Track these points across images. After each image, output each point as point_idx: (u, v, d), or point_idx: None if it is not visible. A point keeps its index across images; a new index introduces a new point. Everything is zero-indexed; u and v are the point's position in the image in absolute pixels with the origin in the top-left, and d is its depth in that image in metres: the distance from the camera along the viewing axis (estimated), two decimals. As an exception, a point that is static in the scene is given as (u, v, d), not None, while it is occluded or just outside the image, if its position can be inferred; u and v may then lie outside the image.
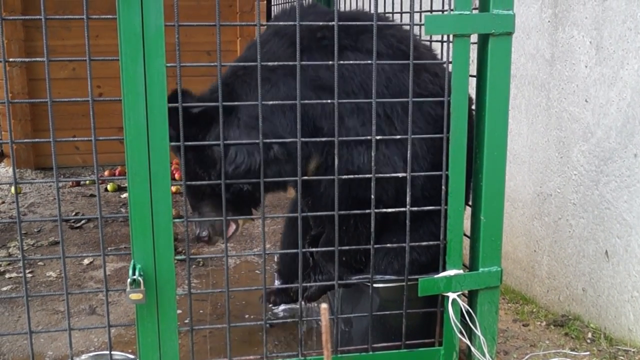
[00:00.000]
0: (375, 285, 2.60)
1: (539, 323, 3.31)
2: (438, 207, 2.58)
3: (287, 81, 2.54)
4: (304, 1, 3.39)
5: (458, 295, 2.63)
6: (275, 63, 2.47)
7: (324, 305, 1.60)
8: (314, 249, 2.84)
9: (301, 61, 2.34)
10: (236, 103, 2.53)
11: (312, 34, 2.54)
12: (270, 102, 2.47)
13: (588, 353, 2.95)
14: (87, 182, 6.23)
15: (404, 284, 2.59)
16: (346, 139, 2.52)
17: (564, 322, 3.24)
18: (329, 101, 2.47)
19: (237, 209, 2.68)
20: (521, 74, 3.59)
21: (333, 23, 2.34)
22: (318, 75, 2.55)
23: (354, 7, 4.02)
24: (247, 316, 3.39)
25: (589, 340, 3.08)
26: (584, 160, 3.18)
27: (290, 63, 2.41)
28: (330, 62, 2.39)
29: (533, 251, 3.58)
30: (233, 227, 2.78)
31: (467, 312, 2.67)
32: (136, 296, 2.37)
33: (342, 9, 4.14)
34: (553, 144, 3.38)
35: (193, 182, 2.55)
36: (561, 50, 3.29)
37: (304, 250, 2.55)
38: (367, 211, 2.53)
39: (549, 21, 3.36)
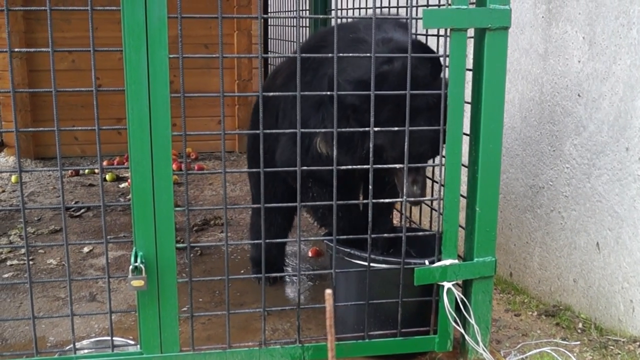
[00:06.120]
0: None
1: (530, 313, 3.37)
2: (435, 198, 2.64)
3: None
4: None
5: (453, 285, 2.70)
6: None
7: (328, 291, 1.65)
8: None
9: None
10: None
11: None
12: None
13: (579, 343, 3.01)
14: (87, 171, 6.26)
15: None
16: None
17: (555, 312, 3.30)
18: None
19: None
20: (515, 68, 3.64)
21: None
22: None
23: (350, 4, 4.06)
24: (242, 304, 3.44)
25: (579, 330, 3.14)
26: (576, 153, 3.24)
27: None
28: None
29: (525, 243, 3.64)
30: None
31: (462, 301, 2.73)
32: (138, 283, 2.42)
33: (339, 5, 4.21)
34: (546, 138, 3.44)
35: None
36: (554, 45, 3.34)
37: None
38: (365, 201, 2.62)
39: (542, 17, 3.42)
